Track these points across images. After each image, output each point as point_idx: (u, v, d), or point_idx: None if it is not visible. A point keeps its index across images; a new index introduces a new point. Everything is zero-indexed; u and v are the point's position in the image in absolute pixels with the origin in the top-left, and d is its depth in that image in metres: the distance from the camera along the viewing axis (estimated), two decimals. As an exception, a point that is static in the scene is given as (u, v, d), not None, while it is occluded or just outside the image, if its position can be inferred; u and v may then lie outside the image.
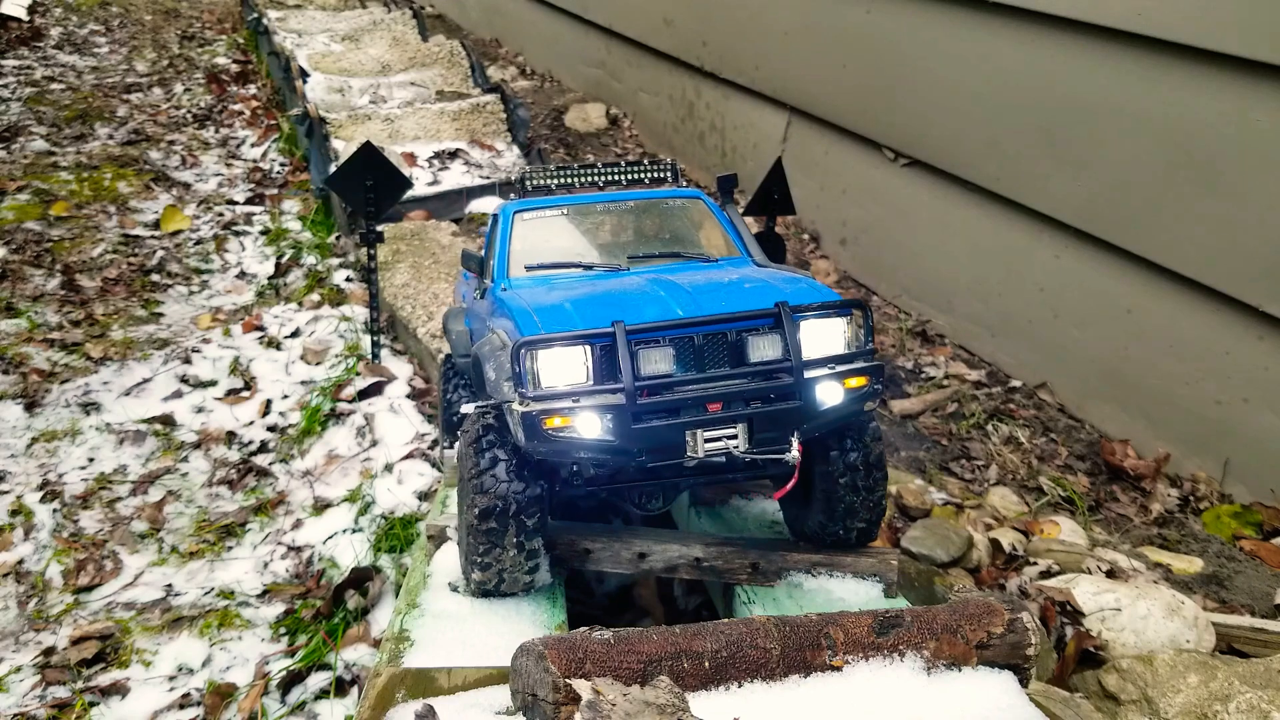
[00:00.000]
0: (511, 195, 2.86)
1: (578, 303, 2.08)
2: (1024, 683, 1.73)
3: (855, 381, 2.00)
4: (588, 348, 1.93)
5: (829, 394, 1.97)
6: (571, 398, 1.91)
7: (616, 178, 2.85)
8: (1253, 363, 3.48)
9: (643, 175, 2.84)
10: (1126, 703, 2.22)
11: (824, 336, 2.02)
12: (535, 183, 2.83)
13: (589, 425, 1.91)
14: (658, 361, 1.94)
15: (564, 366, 1.94)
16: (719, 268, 2.44)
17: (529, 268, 2.49)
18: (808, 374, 1.96)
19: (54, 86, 8.23)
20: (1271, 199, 3.29)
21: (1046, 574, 2.83)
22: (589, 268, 2.46)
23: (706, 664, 1.58)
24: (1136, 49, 3.57)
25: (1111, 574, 2.87)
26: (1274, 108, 3.22)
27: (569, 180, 2.85)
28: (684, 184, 2.89)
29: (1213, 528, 3.52)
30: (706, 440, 1.93)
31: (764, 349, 1.97)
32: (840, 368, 1.99)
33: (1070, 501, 3.65)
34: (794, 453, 1.95)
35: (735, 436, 1.94)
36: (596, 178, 2.86)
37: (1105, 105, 3.75)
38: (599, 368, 1.94)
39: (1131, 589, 2.60)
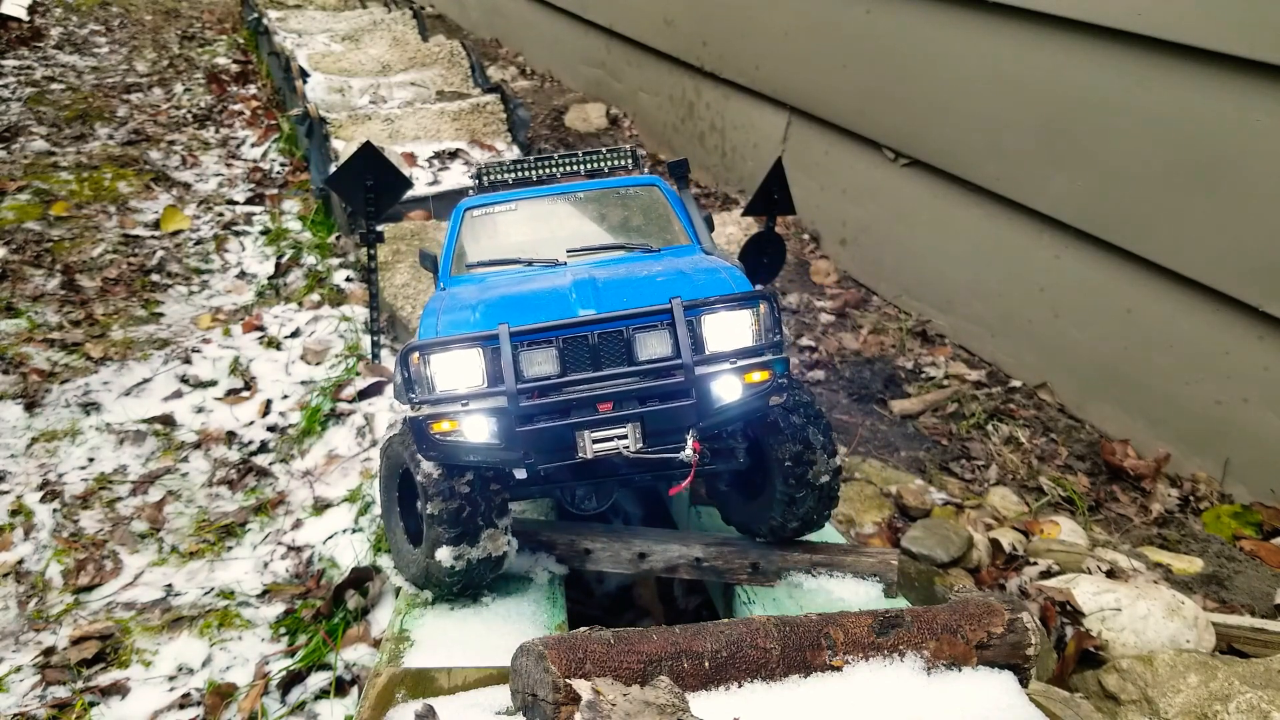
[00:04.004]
0: (470, 191, 2.80)
1: (489, 305, 2.06)
2: (1024, 683, 1.73)
3: (757, 376, 1.95)
4: (480, 350, 1.92)
5: (726, 390, 1.94)
6: (461, 402, 1.91)
7: (575, 168, 2.78)
8: (1253, 363, 3.48)
9: (602, 164, 2.76)
10: (1126, 703, 2.22)
11: (729, 330, 1.97)
12: (492, 177, 2.77)
13: (476, 429, 1.91)
14: (541, 363, 1.92)
15: (458, 370, 1.93)
16: (656, 259, 2.38)
17: (470, 266, 2.46)
18: (703, 370, 1.92)
19: (54, 86, 8.23)
20: (1271, 199, 3.29)
21: (1046, 574, 2.83)
22: (529, 263, 2.43)
23: (706, 664, 1.58)
24: (1136, 49, 3.57)
25: (1111, 574, 2.87)
26: (1274, 108, 3.22)
27: (527, 173, 2.78)
28: (645, 171, 2.81)
29: (1213, 528, 3.52)
30: (595, 441, 1.91)
31: (653, 346, 1.94)
32: (741, 362, 1.94)
33: (1070, 501, 3.65)
34: (688, 451, 1.91)
35: (625, 436, 1.91)
36: (554, 169, 2.80)
37: (1105, 105, 3.75)
38: (492, 371, 1.93)
39: (1131, 589, 2.60)
